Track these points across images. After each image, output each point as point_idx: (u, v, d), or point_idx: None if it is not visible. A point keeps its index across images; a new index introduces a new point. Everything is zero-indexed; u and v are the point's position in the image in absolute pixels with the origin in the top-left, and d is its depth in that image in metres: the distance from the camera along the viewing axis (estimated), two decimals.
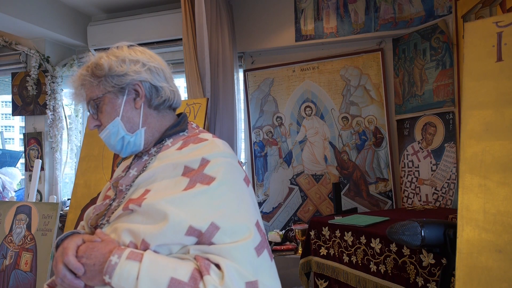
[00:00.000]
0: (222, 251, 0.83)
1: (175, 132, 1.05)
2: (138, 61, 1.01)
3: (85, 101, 1.04)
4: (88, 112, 1.06)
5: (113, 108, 1.00)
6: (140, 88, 1.00)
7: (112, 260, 0.82)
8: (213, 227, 0.85)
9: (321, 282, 2.14)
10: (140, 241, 0.85)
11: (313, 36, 3.10)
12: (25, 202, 2.54)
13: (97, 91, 1.00)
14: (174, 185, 0.91)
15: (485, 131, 1.18)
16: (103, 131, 1.02)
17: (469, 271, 1.07)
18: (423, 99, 2.74)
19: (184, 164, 0.94)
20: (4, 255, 2.44)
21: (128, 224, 0.88)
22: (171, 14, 3.19)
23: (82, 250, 0.87)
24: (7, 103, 9.57)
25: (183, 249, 0.86)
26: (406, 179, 2.83)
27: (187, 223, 0.84)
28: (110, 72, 0.99)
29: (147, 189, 0.94)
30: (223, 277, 0.80)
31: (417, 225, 1.26)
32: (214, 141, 1.00)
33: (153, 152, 1.03)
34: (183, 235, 0.84)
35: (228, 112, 2.88)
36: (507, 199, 1.08)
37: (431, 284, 1.56)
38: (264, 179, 3.26)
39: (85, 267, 0.84)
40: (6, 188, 3.82)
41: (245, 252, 0.85)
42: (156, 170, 0.96)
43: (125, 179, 1.01)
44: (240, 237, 0.86)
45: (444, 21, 2.63)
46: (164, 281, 0.80)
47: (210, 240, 0.84)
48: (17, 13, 2.98)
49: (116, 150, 1.04)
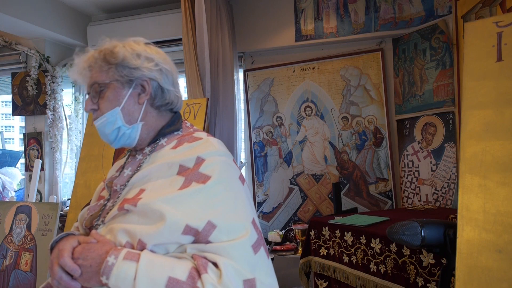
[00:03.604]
0: (219, 249, 0.83)
1: (170, 132, 1.05)
2: (152, 59, 1.01)
3: (87, 82, 1.02)
4: (87, 95, 1.04)
5: (116, 97, 1.00)
6: (147, 85, 1.00)
7: (109, 261, 0.81)
8: (209, 226, 0.85)
9: (321, 282, 2.14)
10: (136, 241, 0.84)
11: (313, 36, 3.10)
12: (25, 202, 2.54)
13: (104, 76, 1.00)
14: (170, 184, 0.91)
15: (485, 131, 1.18)
16: (99, 118, 1.00)
17: (469, 271, 1.07)
18: (423, 99, 2.74)
19: (179, 163, 0.94)
20: (4, 255, 2.44)
21: (124, 225, 0.88)
22: (171, 14, 3.19)
23: (78, 251, 0.86)
24: (7, 103, 9.57)
25: (179, 248, 0.86)
26: (406, 179, 2.83)
27: (183, 222, 0.84)
28: (123, 62, 0.99)
29: (142, 189, 0.93)
30: (221, 275, 0.80)
31: (417, 225, 1.26)
32: (209, 139, 1.00)
33: (147, 152, 1.02)
34: (180, 234, 0.84)
35: (228, 112, 2.87)
36: (507, 199, 1.08)
37: (431, 284, 1.56)
38: (264, 179, 3.26)
39: (82, 269, 0.84)
40: (6, 188, 3.82)
41: (242, 250, 0.85)
42: (151, 170, 0.96)
43: (120, 179, 1.00)
44: (237, 235, 0.86)
45: (444, 21, 2.63)
46: (162, 280, 0.79)
47: (207, 239, 0.84)
48: (17, 13, 2.98)
49: (109, 140, 1.03)
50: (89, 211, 1.02)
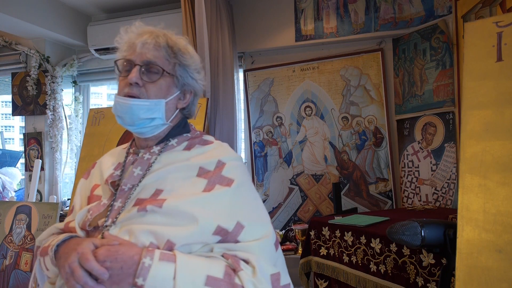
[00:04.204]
0: (249, 248, 0.89)
1: (179, 133, 1.06)
2: (202, 79, 1.10)
3: (144, 55, 0.97)
4: (134, 68, 0.97)
5: (167, 90, 1.01)
6: (189, 96, 1.06)
7: (145, 262, 0.81)
8: (238, 226, 0.90)
9: (321, 282, 2.14)
10: (164, 241, 0.85)
11: (313, 36, 3.10)
12: (25, 202, 2.54)
13: (167, 65, 1.00)
14: (192, 186, 0.94)
15: (485, 131, 1.18)
16: (140, 100, 0.96)
17: (469, 271, 1.07)
18: (423, 99, 2.74)
19: (199, 165, 0.98)
20: (4, 255, 2.44)
21: (147, 226, 0.87)
22: (171, 14, 3.19)
23: (103, 254, 0.82)
24: (7, 103, 9.57)
25: (204, 248, 0.89)
26: (406, 179, 2.83)
27: (215, 223, 0.88)
28: (188, 67, 1.04)
29: (159, 189, 0.94)
30: (255, 271, 0.86)
31: (417, 225, 1.26)
32: (222, 144, 1.06)
33: (155, 151, 1.02)
34: (211, 234, 0.88)
35: (228, 112, 2.87)
36: (507, 199, 1.08)
37: (431, 284, 1.56)
38: (264, 179, 3.26)
39: (110, 271, 0.81)
40: (6, 188, 3.82)
41: (268, 248, 0.93)
42: (168, 170, 0.97)
43: (130, 178, 0.98)
44: (262, 234, 0.93)
45: (444, 21, 2.63)
46: (201, 279, 0.82)
47: (236, 238, 0.90)
48: (17, 13, 2.98)
49: (132, 121, 0.98)
50: (91, 212, 0.97)
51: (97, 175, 1.09)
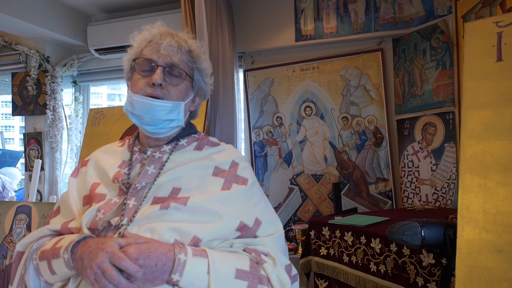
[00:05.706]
0: (267, 242, 0.97)
1: (188, 133, 1.11)
2: (212, 84, 1.19)
3: (169, 57, 1.00)
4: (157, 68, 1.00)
5: (186, 93, 1.06)
6: (199, 99, 1.13)
7: (181, 258, 0.84)
8: (257, 222, 0.97)
9: (321, 282, 2.14)
10: (189, 238, 0.88)
11: (313, 36, 3.10)
12: (25, 202, 2.54)
13: (187, 69, 1.05)
14: (210, 184, 0.99)
15: (485, 131, 1.18)
16: (162, 101, 0.99)
17: (469, 271, 1.07)
18: (423, 99, 2.74)
19: (214, 165, 1.02)
20: (4, 255, 2.44)
21: (170, 223, 0.89)
22: (171, 14, 3.19)
23: (135, 252, 0.81)
24: (7, 103, 9.57)
25: (223, 243, 0.94)
26: (406, 179, 2.83)
27: (238, 219, 0.94)
28: (202, 72, 1.10)
29: (176, 188, 0.96)
30: (275, 263, 0.93)
31: (417, 225, 1.26)
32: (230, 145, 1.13)
33: (166, 150, 1.05)
34: (234, 230, 0.94)
35: (228, 112, 2.87)
36: (507, 199, 1.08)
37: (431, 284, 1.56)
38: (264, 179, 3.26)
39: (144, 269, 0.81)
40: (6, 188, 3.82)
41: (281, 241, 1.01)
42: (184, 169, 1.00)
43: (144, 176, 0.98)
44: (275, 229, 1.01)
45: (444, 21, 2.63)
46: (231, 272, 0.87)
47: (255, 234, 0.96)
48: (17, 13, 2.98)
49: (152, 121, 1.00)
50: (103, 211, 0.94)
51: (94, 173, 1.06)
